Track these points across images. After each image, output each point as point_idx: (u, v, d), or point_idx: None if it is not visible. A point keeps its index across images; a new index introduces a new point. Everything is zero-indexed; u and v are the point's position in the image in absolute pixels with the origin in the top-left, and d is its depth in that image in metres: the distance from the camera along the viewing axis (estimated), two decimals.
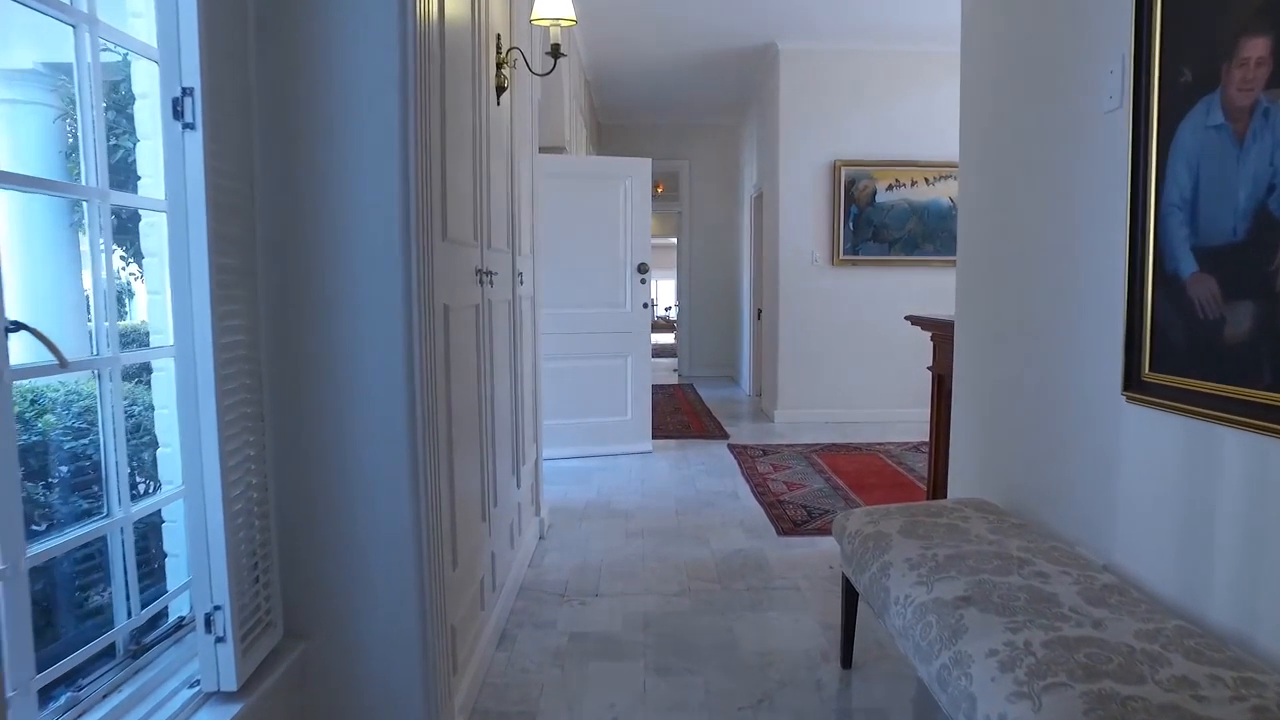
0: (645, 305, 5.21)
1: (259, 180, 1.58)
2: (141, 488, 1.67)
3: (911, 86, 6.23)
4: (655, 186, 10.68)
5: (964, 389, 2.72)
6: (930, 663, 1.51)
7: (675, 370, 10.04)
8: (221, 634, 1.45)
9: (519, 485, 3.03)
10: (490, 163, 2.45)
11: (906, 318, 3.46)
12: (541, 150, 5.19)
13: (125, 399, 1.47)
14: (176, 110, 1.35)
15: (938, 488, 3.26)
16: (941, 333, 3.25)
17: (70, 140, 1.57)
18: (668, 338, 15.12)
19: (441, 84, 1.86)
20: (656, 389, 8.51)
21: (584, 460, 5.04)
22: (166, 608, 1.61)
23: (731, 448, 5.44)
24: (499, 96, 2.59)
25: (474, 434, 2.23)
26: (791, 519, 3.80)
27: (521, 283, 3.02)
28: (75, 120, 1.41)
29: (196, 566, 1.45)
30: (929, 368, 3.39)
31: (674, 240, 10.53)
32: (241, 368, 1.52)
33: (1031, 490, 2.21)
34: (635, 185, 5.11)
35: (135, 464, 1.61)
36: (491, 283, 2.42)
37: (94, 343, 1.44)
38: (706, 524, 3.76)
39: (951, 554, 1.79)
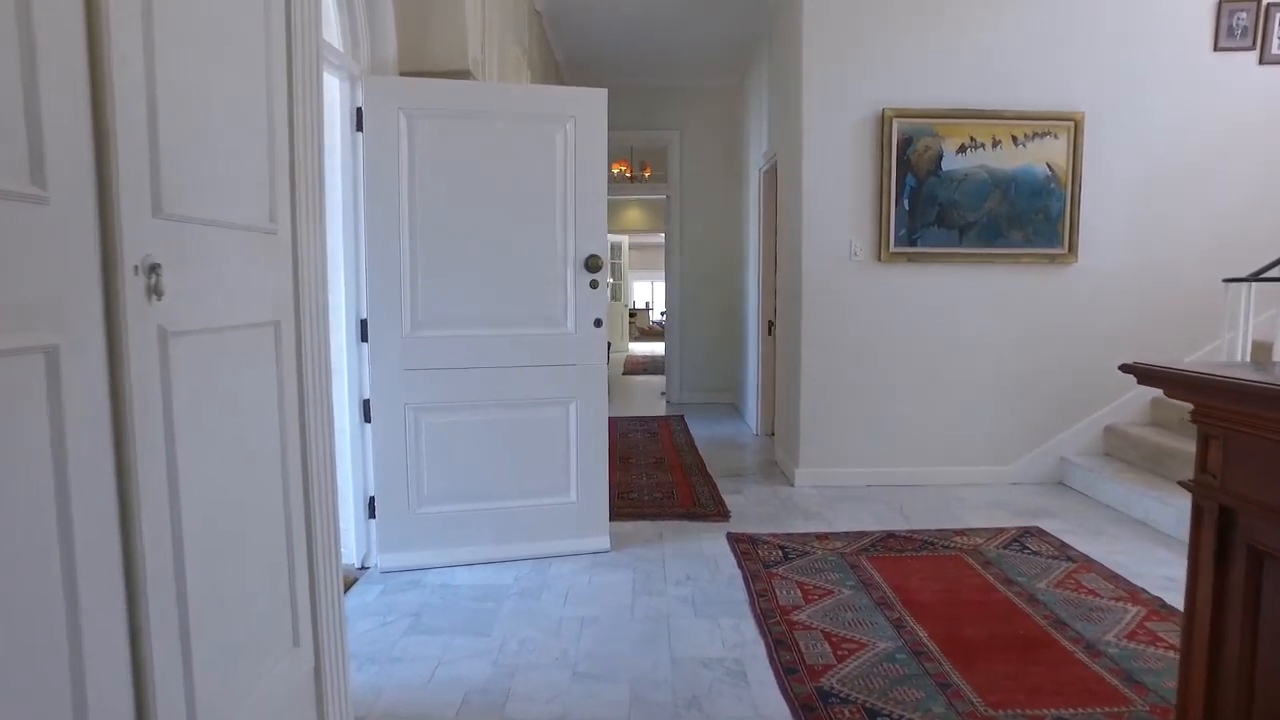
0: (598, 323, 3.30)
1: None
2: None
3: (994, 3, 4.33)
4: (642, 169, 8.77)
5: None
6: None
7: (663, 394, 8.11)
8: None
9: None
10: None
11: (1125, 368, 1.55)
12: (426, 74, 3.29)
13: None
14: None
15: None
16: (1227, 409, 1.33)
17: None
18: (658, 347, 13.19)
19: None
20: (638, 423, 6.54)
21: (496, 570, 3.13)
22: None
23: (734, 541, 3.53)
24: None
25: None
26: None
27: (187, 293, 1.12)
28: None
29: None
30: (1184, 483, 1.50)
31: (662, 237, 8.65)
32: None
33: None
34: (582, 132, 3.20)
35: None
36: None
37: None
38: None
39: None
